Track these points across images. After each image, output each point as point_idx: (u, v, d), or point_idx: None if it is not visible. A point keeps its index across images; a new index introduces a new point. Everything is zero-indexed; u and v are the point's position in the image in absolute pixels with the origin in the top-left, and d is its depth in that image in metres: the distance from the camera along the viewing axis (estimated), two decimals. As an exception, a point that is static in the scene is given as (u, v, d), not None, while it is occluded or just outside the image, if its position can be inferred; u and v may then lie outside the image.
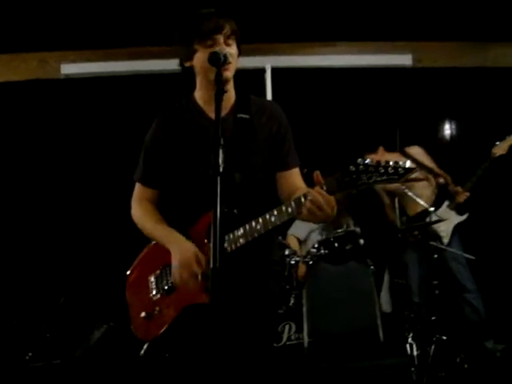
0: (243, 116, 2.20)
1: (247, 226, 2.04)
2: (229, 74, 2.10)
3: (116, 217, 4.67)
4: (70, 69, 5.30)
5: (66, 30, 5.03)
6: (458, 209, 4.59)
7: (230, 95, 2.23)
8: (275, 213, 1.99)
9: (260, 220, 2.01)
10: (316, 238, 4.46)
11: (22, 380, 3.77)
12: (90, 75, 5.31)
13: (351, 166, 1.80)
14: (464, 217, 4.61)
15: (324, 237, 4.21)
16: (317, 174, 1.90)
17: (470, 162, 4.70)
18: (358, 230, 4.47)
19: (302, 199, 1.90)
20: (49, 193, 5.19)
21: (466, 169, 4.64)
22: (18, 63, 5.26)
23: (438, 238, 4.47)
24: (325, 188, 1.87)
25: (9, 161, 5.21)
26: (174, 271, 2.13)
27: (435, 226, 4.43)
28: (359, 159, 1.80)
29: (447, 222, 4.48)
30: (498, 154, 4.41)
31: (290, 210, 1.95)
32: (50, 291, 4.68)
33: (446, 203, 4.60)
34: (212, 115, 1.95)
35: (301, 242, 4.69)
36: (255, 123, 2.22)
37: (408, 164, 1.78)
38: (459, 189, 4.53)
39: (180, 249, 2.13)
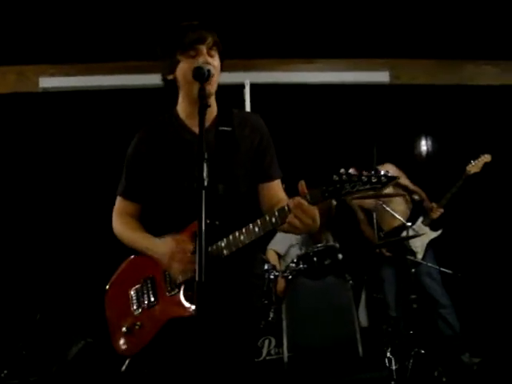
0: (225, 129, 2.21)
1: (231, 237, 2.04)
2: (212, 88, 2.11)
3: (93, 231, 4.66)
4: (48, 82, 5.28)
5: (44, 44, 5.04)
6: (432, 225, 4.65)
7: (212, 108, 2.23)
8: (259, 223, 1.99)
9: (244, 230, 2.01)
10: (295, 252, 4.47)
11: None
12: (69, 89, 5.30)
13: (334, 176, 1.81)
14: (438, 233, 4.68)
15: (303, 251, 4.22)
16: (301, 184, 1.90)
17: (445, 178, 4.78)
18: (336, 245, 4.51)
19: (286, 209, 1.90)
20: (25, 207, 5.13)
21: (442, 185, 4.71)
22: (-6, 76, 5.24)
23: (413, 253, 4.53)
24: (308, 198, 1.87)
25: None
26: (167, 262, 2.11)
27: (410, 242, 4.49)
28: (342, 169, 1.82)
29: (421, 237, 4.54)
30: (472, 172, 4.49)
31: (273, 220, 1.95)
32: (26, 307, 4.62)
33: (421, 219, 4.66)
34: (195, 129, 1.95)
35: (280, 257, 4.70)
36: (237, 135, 2.22)
37: (390, 173, 1.81)
38: (434, 205, 4.60)
39: (163, 247, 2.13)
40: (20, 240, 5.05)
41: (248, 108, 5.31)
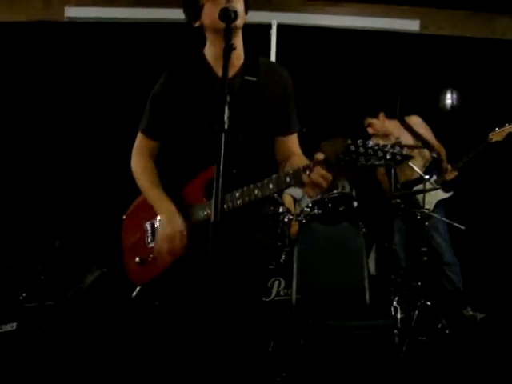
0: (250, 78, 2.21)
1: (245, 189, 2.07)
2: (238, 22, 2.04)
3: (113, 162, 4.72)
4: (73, 12, 5.24)
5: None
6: (444, 185, 4.63)
7: (239, 55, 2.23)
8: (273, 181, 2.02)
9: (259, 185, 2.05)
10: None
11: (15, 319, 3.84)
12: (94, 20, 5.26)
13: (351, 146, 1.84)
14: (448, 194, 4.68)
15: (319, 197, 4.24)
16: (317, 155, 1.95)
17: (467, 135, 4.72)
18: (353, 193, 4.53)
19: (301, 173, 1.95)
20: (47, 134, 5.20)
21: (463, 141, 4.66)
22: (21, 3, 5.20)
23: (421, 208, 4.53)
24: (324, 166, 1.92)
25: (9, 101, 5.20)
26: (158, 240, 2.20)
27: (419, 198, 4.48)
28: (359, 140, 1.85)
29: (431, 195, 4.53)
30: (493, 140, 4.39)
31: (287, 179, 1.99)
32: (46, 234, 4.74)
33: (434, 177, 4.64)
34: (221, 73, 1.95)
35: (296, 201, 4.74)
36: (262, 86, 2.23)
37: (405, 151, 1.85)
38: (449, 167, 4.57)
39: (168, 220, 2.17)
40: (42, 169, 5.15)
41: (274, 48, 5.23)
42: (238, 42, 2.20)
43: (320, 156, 1.94)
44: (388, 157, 1.83)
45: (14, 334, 3.78)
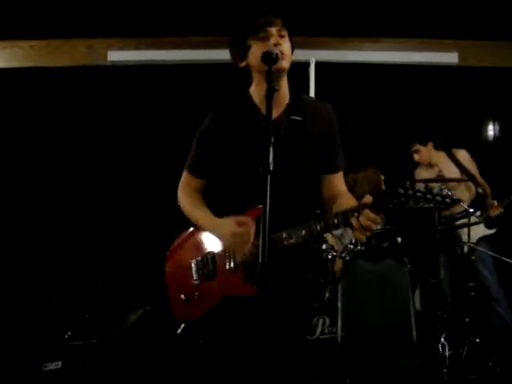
0: (296, 118, 2.23)
1: (293, 230, 2.08)
2: (284, 63, 2.11)
3: (156, 201, 4.79)
4: (116, 56, 5.35)
5: (113, 17, 5.13)
6: (488, 222, 4.54)
7: (284, 95, 2.25)
8: (321, 223, 2.03)
9: (306, 226, 2.05)
10: (351, 233, 4.45)
11: (60, 357, 3.87)
12: (136, 63, 5.38)
13: (400, 189, 1.84)
14: (491, 231, 4.58)
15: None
16: (365, 200, 1.94)
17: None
18: (387, 227, 4.47)
19: (350, 215, 1.95)
20: (91, 174, 5.33)
21: (507, 173, 4.57)
22: (66, 49, 5.35)
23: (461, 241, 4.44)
24: (373, 210, 1.90)
25: (54, 141, 5.36)
26: (226, 241, 2.18)
27: (461, 232, 4.40)
28: (407, 183, 1.85)
29: (474, 230, 4.44)
30: None
31: (336, 221, 1.99)
32: (90, 273, 4.80)
33: (478, 213, 4.56)
34: (268, 114, 1.99)
35: (336, 237, 4.70)
36: (307, 125, 2.24)
37: (454, 195, 1.84)
38: (495, 203, 4.49)
39: (224, 228, 2.18)
40: (86, 206, 5.25)
41: (313, 86, 5.27)
42: (284, 82, 2.23)
43: (368, 199, 1.92)
44: (438, 199, 1.83)
45: (59, 372, 3.81)
